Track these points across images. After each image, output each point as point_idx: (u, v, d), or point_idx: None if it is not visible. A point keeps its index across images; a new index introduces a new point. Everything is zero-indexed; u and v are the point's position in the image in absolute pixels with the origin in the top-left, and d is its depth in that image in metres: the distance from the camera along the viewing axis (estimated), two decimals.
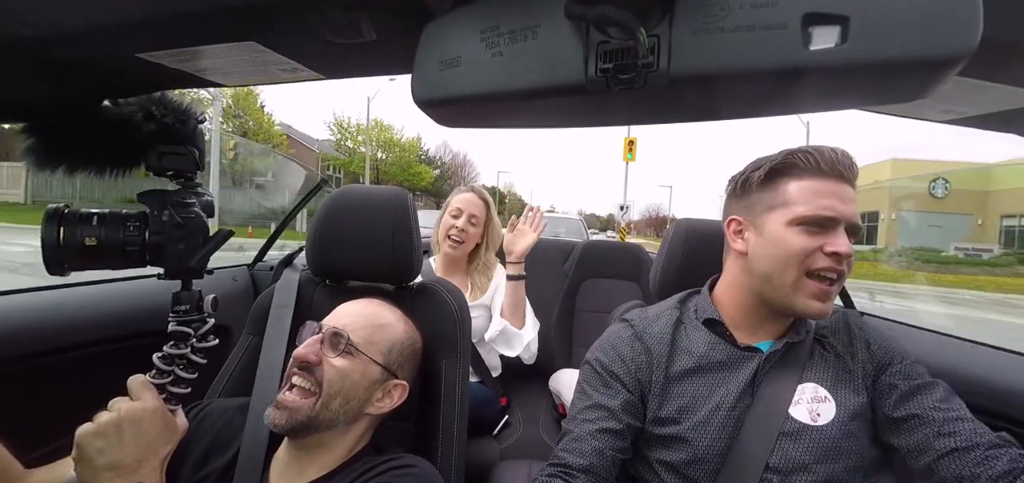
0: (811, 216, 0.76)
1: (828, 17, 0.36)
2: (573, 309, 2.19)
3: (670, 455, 0.81)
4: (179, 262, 0.77)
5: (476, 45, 0.46)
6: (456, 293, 1.09)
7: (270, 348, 1.00)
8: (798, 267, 0.77)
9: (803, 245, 0.76)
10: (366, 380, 0.81)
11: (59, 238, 0.69)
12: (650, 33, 0.40)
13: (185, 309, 0.79)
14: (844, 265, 0.76)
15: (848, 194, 0.78)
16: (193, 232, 0.77)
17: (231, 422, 0.86)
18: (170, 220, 0.75)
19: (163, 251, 0.76)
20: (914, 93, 0.40)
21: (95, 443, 0.68)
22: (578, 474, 0.76)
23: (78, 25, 0.51)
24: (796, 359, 0.83)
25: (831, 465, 0.74)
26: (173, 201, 0.76)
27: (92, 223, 0.71)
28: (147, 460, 0.71)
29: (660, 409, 0.83)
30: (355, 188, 1.13)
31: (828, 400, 0.79)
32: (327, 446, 0.79)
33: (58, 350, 1.20)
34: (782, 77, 0.39)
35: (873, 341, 0.85)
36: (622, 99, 0.46)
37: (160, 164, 0.76)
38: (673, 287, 1.06)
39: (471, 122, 0.56)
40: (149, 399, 0.74)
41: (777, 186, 0.81)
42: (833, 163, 0.77)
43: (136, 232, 0.74)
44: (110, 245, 0.72)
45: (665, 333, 0.89)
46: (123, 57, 0.59)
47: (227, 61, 0.61)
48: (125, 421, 0.70)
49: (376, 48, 0.56)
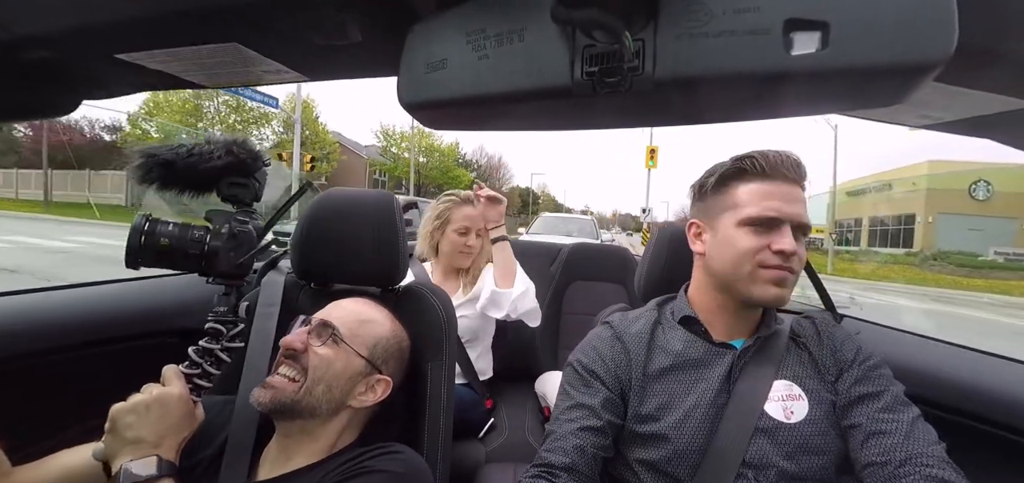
0: (757, 217, 0.82)
1: (809, 23, 0.37)
2: (559, 312, 2.20)
3: (649, 454, 0.82)
4: (228, 267, 0.97)
5: (462, 47, 0.46)
6: (442, 297, 1.09)
7: (256, 348, 0.99)
8: (750, 263, 0.82)
9: (751, 244, 0.82)
10: (349, 370, 0.83)
11: (141, 240, 0.90)
12: (635, 37, 0.40)
13: (223, 310, 0.96)
14: (792, 262, 0.81)
15: (794, 195, 0.83)
16: (244, 243, 0.99)
17: (219, 414, 0.88)
18: (228, 231, 0.97)
19: (217, 256, 0.96)
20: (892, 98, 0.41)
21: (126, 418, 0.74)
22: (561, 473, 0.77)
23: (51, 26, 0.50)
24: (771, 356, 0.85)
25: (804, 461, 0.76)
26: (234, 218, 0.99)
27: (169, 227, 0.94)
28: (166, 440, 0.76)
29: (640, 407, 0.85)
30: (340, 191, 1.13)
31: (801, 398, 0.81)
32: (312, 435, 0.82)
33: (95, 343, 1.24)
34: (764, 81, 0.39)
35: (837, 344, 0.87)
36: (608, 102, 0.46)
37: (228, 192, 0.98)
38: (657, 290, 1.06)
39: (458, 124, 0.56)
40: (178, 385, 0.79)
41: (729, 190, 0.87)
42: (777, 167, 0.83)
43: (199, 239, 0.95)
44: (178, 247, 0.94)
45: (644, 333, 0.92)
46: (101, 58, 0.58)
47: (209, 62, 0.60)
48: (155, 403, 0.76)
49: (361, 50, 0.55)
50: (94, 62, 0.60)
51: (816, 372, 0.84)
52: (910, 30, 0.36)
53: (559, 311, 2.19)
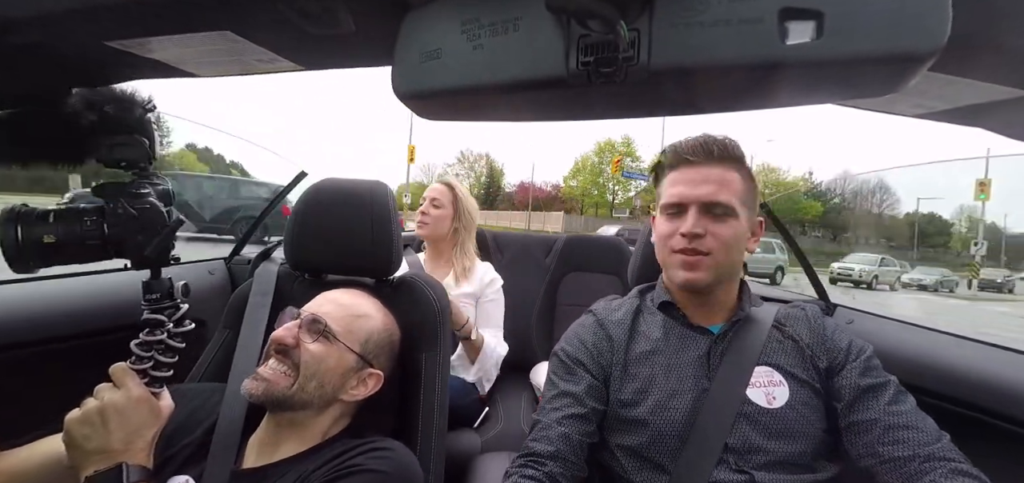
0: (665, 204, 0.89)
1: (804, 12, 0.37)
2: (554, 303, 2.20)
3: (630, 439, 0.84)
4: (139, 253, 0.77)
5: (457, 37, 0.46)
6: (437, 288, 1.09)
7: (247, 338, 0.99)
8: (665, 248, 0.89)
9: (665, 229, 0.90)
10: (341, 366, 0.83)
11: (17, 237, 0.69)
12: (630, 27, 0.40)
13: (156, 297, 0.79)
14: (698, 243, 0.84)
15: (702, 176, 0.86)
16: (149, 222, 0.76)
17: (207, 402, 0.87)
18: (124, 213, 0.74)
19: (123, 244, 0.75)
20: (886, 88, 0.41)
21: (82, 430, 0.70)
22: (547, 460, 0.79)
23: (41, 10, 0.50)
24: (752, 343, 0.87)
25: (785, 445, 0.78)
26: (127, 193, 0.75)
27: (49, 221, 0.70)
28: (133, 443, 0.72)
29: (620, 391, 0.87)
30: (333, 181, 1.12)
31: (783, 384, 0.83)
32: (302, 425, 0.81)
33: (42, 342, 1.20)
34: (759, 71, 0.39)
35: (829, 335, 0.88)
36: (603, 92, 0.46)
37: (111, 156, 0.75)
38: (650, 279, 1.07)
39: (452, 115, 0.55)
40: (132, 386, 0.74)
41: (659, 182, 0.95)
42: (682, 153, 0.89)
43: (94, 226, 0.73)
44: (69, 242, 0.72)
45: (625, 320, 0.95)
46: (90, 46, 0.57)
47: (201, 51, 0.59)
48: (109, 408, 0.71)
49: (355, 39, 0.55)
50: (85, 49, 0.59)
51: (800, 360, 0.86)
52: (904, 20, 0.36)
53: (554, 302, 2.20)
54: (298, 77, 1.28)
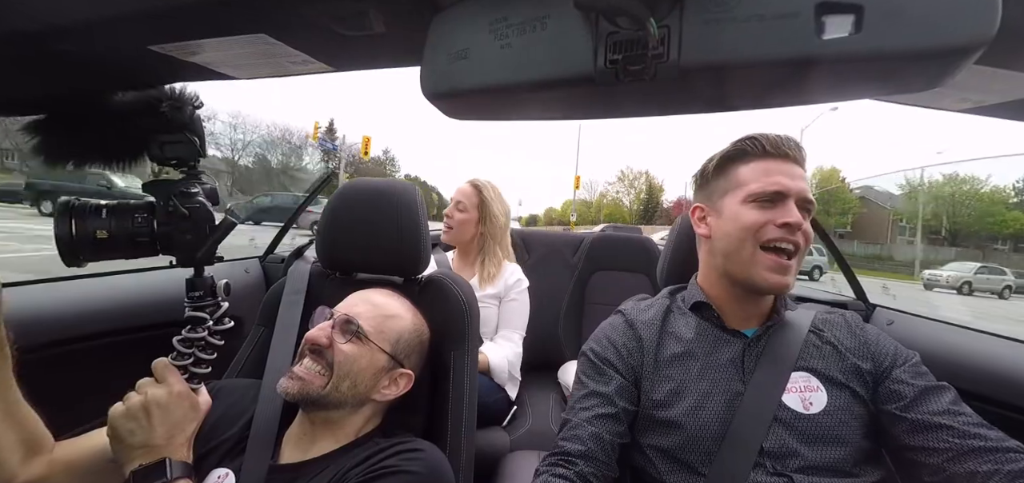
0: (761, 191, 0.83)
1: (842, 5, 0.36)
2: (582, 301, 2.19)
3: (663, 441, 0.83)
4: (187, 252, 0.79)
5: (485, 36, 0.46)
6: (464, 286, 1.10)
7: (281, 335, 1.02)
8: (752, 240, 0.82)
9: (755, 218, 0.82)
10: (373, 367, 0.84)
11: (72, 231, 0.71)
12: (660, 23, 0.39)
13: (199, 295, 0.82)
14: (797, 236, 0.81)
15: (796, 172, 0.83)
16: (198, 222, 0.79)
17: (243, 397, 0.90)
18: (175, 211, 0.76)
19: (171, 241, 0.78)
20: (930, 82, 0.40)
21: (126, 424, 0.72)
22: (578, 460, 0.79)
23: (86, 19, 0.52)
24: (788, 348, 0.84)
25: (823, 451, 0.76)
26: (177, 191, 0.77)
27: (102, 216, 0.73)
28: (175, 438, 0.75)
29: (653, 392, 0.86)
30: (363, 181, 1.14)
31: (820, 390, 0.81)
32: (337, 424, 0.83)
33: (86, 337, 1.25)
34: (794, 67, 0.38)
35: (872, 341, 0.85)
36: (631, 90, 0.46)
37: (162, 153, 0.77)
38: (680, 278, 1.05)
39: (480, 114, 0.56)
40: (173, 381, 0.77)
41: (730, 171, 0.88)
42: (778, 145, 0.84)
43: (145, 223, 0.76)
44: (121, 237, 0.74)
45: (655, 320, 0.93)
46: (136, 51, 0.59)
47: (238, 54, 0.61)
48: (152, 403, 0.74)
49: (385, 40, 0.56)
50: (130, 54, 0.61)
51: (840, 364, 0.83)
52: (950, 11, 0.34)
53: (582, 300, 2.19)
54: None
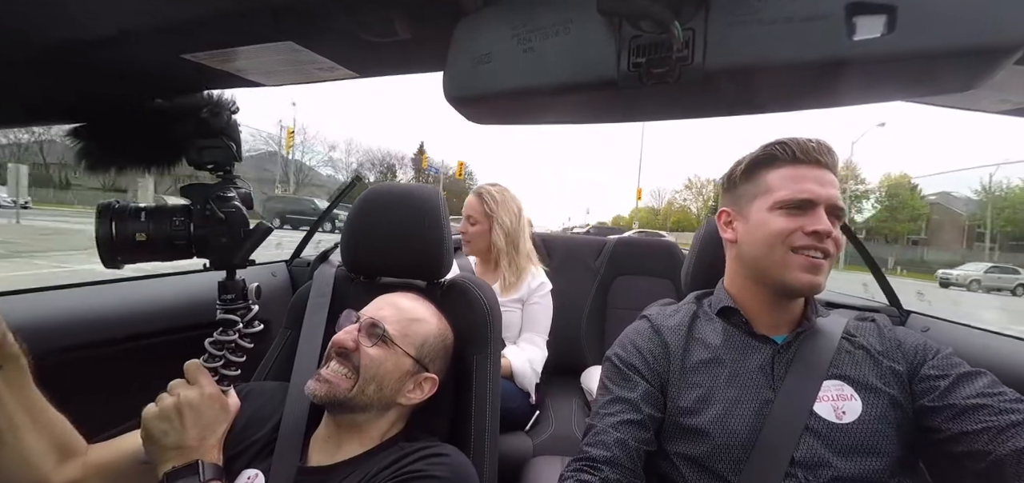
0: (790, 199, 0.81)
1: (874, 5, 0.35)
2: (604, 306, 2.18)
3: (691, 448, 0.81)
4: (222, 255, 0.81)
5: (508, 41, 0.47)
6: (486, 290, 1.10)
7: (308, 338, 1.04)
8: (783, 246, 0.81)
9: (784, 226, 0.81)
10: (399, 370, 0.85)
11: (112, 233, 0.73)
12: (685, 26, 0.39)
13: (231, 297, 0.83)
14: (827, 244, 0.79)
15: (826, 178, 0.82)
16: (234, 226, 0.80)
17: (271, 399, 0.91)
18: (212, 215, 0.78)
19: (206, 244, 0.79)
20: (967, 83, 0.38)
21: (160, 426, 0.73)
22: (602, 466, 0.78)
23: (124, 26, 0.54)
24: (820, 355, 0.82)
25: (857, 463, 0.74)
26: (214, 195, 0.79)
27: (140, 219, 0.75)
28: (206, 440, 0.76)
29: (679, 399, 0.84)
30: (387, 186, 1.16)
31: (854, 398, 0.78)
32: (362, 428, 0.84)
33: (115, 341, 1.28)
34: (823, 69, 0.37)
35: (904, 341, 0.83)
36: (654, 93, 0.45)
37: (200, 158, 0.79)
38: (705, 284, 1.04)
39: (502, 118, 0.56)
40: (205, 383, 0.78)
41: (759, 177, 0.87)
42: (808, 151, 0.83)
43: (182, 226, 0.77)
44: (159, 240, 0.76)
45: (682, 326, 0.92)
46: (169, 59, 0.61)
47: (267, 61, 0.62)
48: (185, 405, 0.75)
49: (410, 46, 0.56)
50: (163, 62, 0.63)
51: (875, 369, 0.80)
52: (988, 8, 0.33)
53: (604, 305, 2.18)
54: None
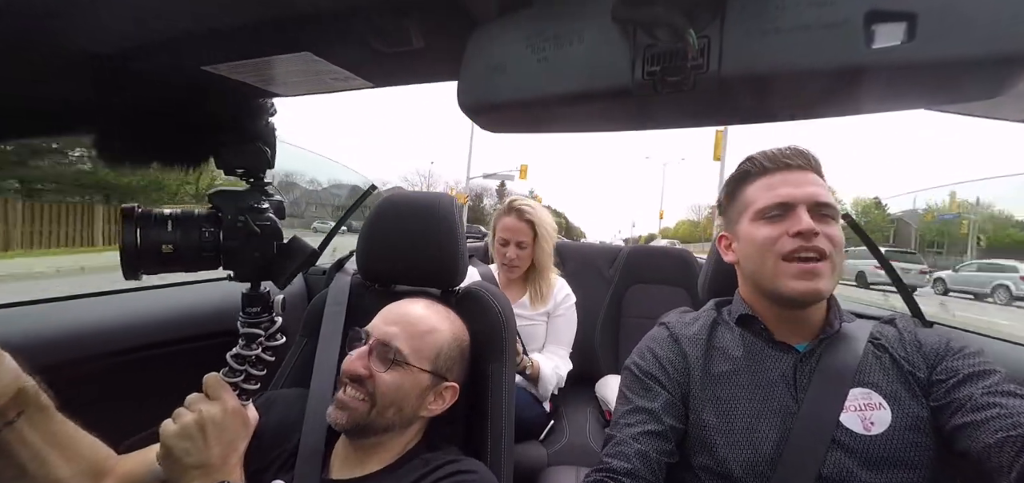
0: (767, 205, 0.82)
1: (894, 13, 0.34)
2: (619, 315, 2.16)
3: (714, 461, 0.79)
4: (254, 270, 0.76)
5: (522, 50, 0.47)
6: (501, 298, 1.10)
7: (325, 349, 1.04)
8: (773, 255, 0.80)
9: (768, 234, 0.81)
10: (417, 388, 0.83)
11: (137, 241, 0.67)
12: (700, 34, 0.39)
13: (256, 310, 0.79)
14: (817, 242, 0.77)
15: (804, 179, 0.82)
16: (267, 239, 0.75)
17: (291, 410, 0.90)
18: (245, 227, 0.73)
19: (236, 256, 0.74)
20: (989, 92, 0.38)
21: (181, 444, 0.69)
22: (624, 478, 0.76)
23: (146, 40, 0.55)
24: (844, 363, 0.79)
25: (887, 476, 0.71)
26: (248, 207, 0.73)
27: (168, 227, 0.69)
28: (229, 459, 0.73)
29: (702, 411, 0.82)
30: (402, 194, 1.16)
31: (883, 407, 0.75)
32: (384, 445, 0.82)
33: (132, 349, 1.29)
34: (841, 77, 0.37)
35: (924, 341, 0.81)
36: (668, 102, 0.45)
37: (231, 161, 0.74)
38: (722, 292, 1.03)
39: (516, 127, 0.56)
40: (228, 399, 0.75)
41: (739, 195, 0.89)
42: (777, 158, 0.84)
43: (211, 237, 0.72)
44: (187, 250, 0.71)
45: (701, 335, 0.90)
46: (190, 71, 0.62)
47: (285, 71, 0.64)
48: (207, 422, 0.71)
49: (424, 56, 0.57)
50: (182, 75, 0.65)
51: (901, 377, 0.77)
52: (1011, 15, 0.32)
53: (618, 314, 2.16)
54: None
